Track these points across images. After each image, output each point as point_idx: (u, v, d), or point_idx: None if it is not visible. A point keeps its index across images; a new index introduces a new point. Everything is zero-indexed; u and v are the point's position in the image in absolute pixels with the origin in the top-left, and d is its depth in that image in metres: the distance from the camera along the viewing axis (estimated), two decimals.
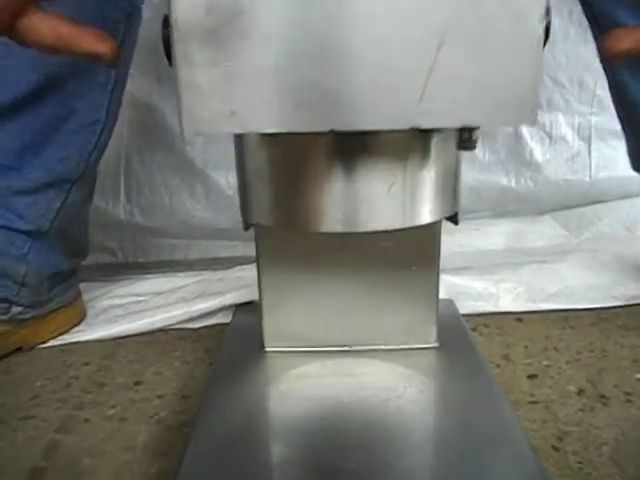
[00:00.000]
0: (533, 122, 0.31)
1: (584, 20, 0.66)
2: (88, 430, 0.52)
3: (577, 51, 0.92)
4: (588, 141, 0.97)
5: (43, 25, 0.34)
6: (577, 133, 0.97)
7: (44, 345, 0.68)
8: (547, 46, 0.31)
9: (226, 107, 0.30)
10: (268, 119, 0.31)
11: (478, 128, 0.34)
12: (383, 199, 0.37)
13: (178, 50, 0.30)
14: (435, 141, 0.37)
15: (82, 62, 0.57)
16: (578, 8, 0.80)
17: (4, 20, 0.33)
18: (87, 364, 0.64)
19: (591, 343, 0.64)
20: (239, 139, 0.41)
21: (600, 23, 0.61)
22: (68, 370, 0.63)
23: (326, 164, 0.36)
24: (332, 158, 0.36)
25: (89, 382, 0.60)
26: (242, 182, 0.42)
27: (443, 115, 0.31)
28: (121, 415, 0.54)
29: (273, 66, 0.30)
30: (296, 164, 0.38)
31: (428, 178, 0.38)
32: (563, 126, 0.96)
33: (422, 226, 0.40)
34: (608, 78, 0.66)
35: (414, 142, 0.36)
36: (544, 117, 0.95)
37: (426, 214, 0.39)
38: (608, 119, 0.93)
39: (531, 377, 0.58)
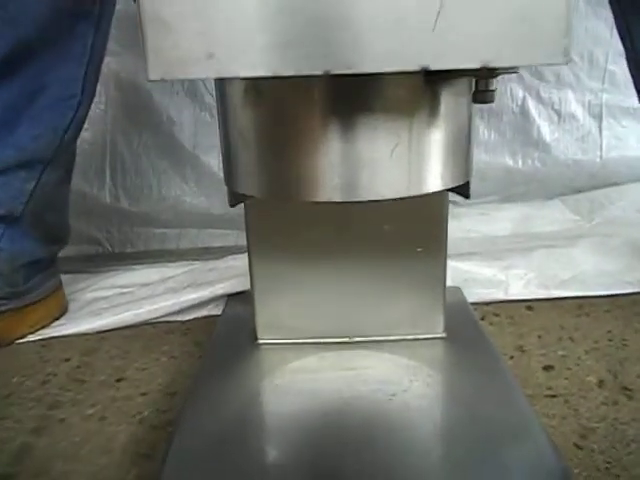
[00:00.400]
0: (565, 60, 0.26)
1: None
2: (64, 431, 0.48)
3: (587, 25, 0.88)
4: (599, 119, 0.93)
5: None
6: (587, 111, 0.93)
7: (22, 340, 0.64)
8: None
9: (200, 47, 0.26)
10: (251, 61, 0.26)
11: (496, 76, 0.29)
12: (386, 162, 0.32)
13: None
14: (446, 94, 0.32)
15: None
16: None
17: None
18: (67, 360, 0.60)
19: (609, 331, 0.60)
20: (221, 94, 0.36)
21: None
22: (46, 366, 0.59)
23: (320, 122, 0.32)
24: (327, 114, 0.32)
25: (68, 379, 0.57)
26: (226, 148, 0.37)
27: (458, 52, 0.26)
28: (101, 414, 0.50)
29: None
30: (286, 122, 0.33)
31: (437, 138, 0.33)
32: (573, 103, 0.92)
33: (429, 197, 0.36)
34: (626, 48, 0.62)
35: (422, 95, 0.32)
36: (552, 94, 0.91)
37: (435, 181, 0.35)
38: (620, 96, 0.90)
39: (547, 368, 0.54)
